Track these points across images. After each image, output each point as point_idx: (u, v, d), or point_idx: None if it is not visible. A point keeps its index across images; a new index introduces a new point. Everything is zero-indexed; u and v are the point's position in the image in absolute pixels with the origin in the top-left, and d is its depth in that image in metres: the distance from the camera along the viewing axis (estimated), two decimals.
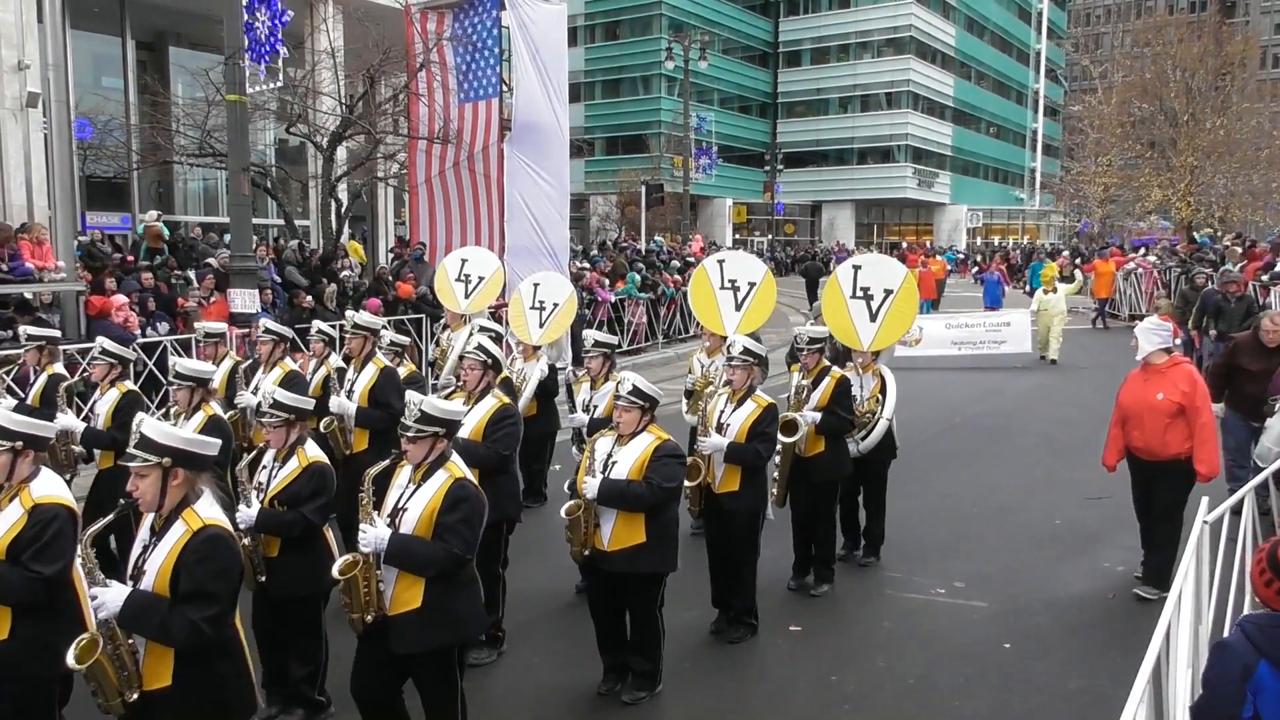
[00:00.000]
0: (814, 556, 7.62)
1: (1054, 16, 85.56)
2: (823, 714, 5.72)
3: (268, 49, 12.79)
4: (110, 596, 3.72)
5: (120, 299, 12.23)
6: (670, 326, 22.09)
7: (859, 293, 8.34)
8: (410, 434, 4.64)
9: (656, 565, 5.65)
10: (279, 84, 14.90)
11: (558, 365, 10.66)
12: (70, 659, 3.65)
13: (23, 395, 8.10)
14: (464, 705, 4.81)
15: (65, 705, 4.58)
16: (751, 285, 9.06)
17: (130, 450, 3.81)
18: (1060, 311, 18.96)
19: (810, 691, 5.97)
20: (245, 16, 12.45)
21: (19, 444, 4.31)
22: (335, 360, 8.93)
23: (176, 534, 3.77)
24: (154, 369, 11.37)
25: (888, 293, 8.26)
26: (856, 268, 8.54)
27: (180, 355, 11.26)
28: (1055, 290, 19.34)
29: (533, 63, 16.38)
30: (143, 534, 3.91)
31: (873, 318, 8.26)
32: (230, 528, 3.93)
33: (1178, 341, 7.43)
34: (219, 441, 4.27)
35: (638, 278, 21.05)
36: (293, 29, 13.78)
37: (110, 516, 3.95)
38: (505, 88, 16.76)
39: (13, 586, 4.10)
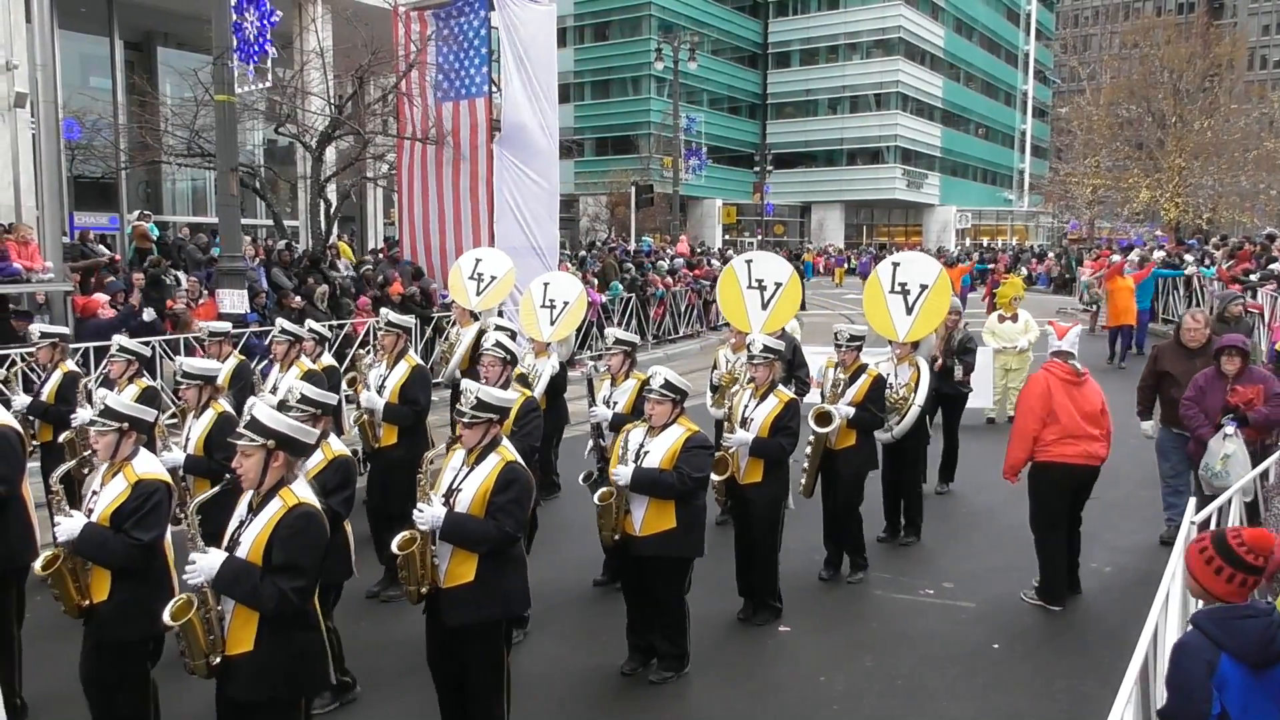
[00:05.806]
0: (846, 546, 7.85)
1: (1042, 18, 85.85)
2: (810, 714, 5.73)
3: (256, 49, 12.81)
4: (208, 562, 4.00)
5: (103, 297, 12.17)
6: (660, 328, 22.01)
7: (897, 288, 8.72)
8: (466, 419, 4.86)
9: (685, 550, 5.94)
10: (268, 84, 14.91)
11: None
12: (166, 616, 3.98)
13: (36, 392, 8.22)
14: (509, 683, 5.00)
15: (155, 665, 4.90)
16: (778, 285, 9.37)
17: (239, 430, 4.17)
18: (1023, 350, 13.10)
19: (798, 692, 5.98)
20: (234, 16, 12.44)
21: (125, 425, 4.77)
22: (327, 359, 8.98)
23: (273, 509, 4.07)
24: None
25: (923, 287, 8.66)
26: (895, 264, 8.96)
27: (169, 356, 11.24)
28: (1016, 318, 13.31)
29: (522, 63, 16.38)
30: (240, 510, 4.22)
31: (909, 311, 8.62)
32: (320, 508, 4.22)
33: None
34: (317, 431, 4.59)
35: (620, 286, 20.95)
36: (281, 29, 13.78)
37: (215, 489, 4.42)
38: (494, 88, 16.75)
39: (116, 552, 4.58)
